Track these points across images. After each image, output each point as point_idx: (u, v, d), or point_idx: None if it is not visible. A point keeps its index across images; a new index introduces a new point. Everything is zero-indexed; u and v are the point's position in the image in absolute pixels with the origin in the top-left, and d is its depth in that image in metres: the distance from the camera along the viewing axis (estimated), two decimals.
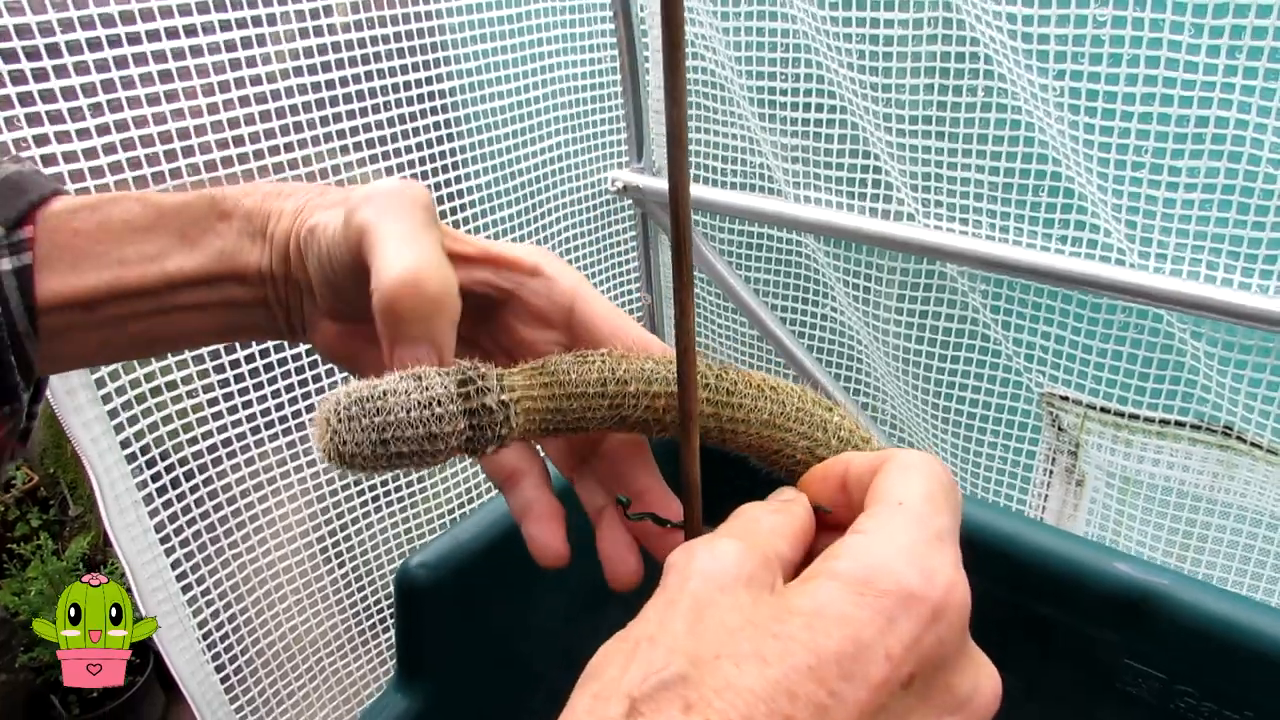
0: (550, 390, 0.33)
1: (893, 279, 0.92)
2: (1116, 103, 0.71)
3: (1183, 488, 0.83)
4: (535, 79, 0.94)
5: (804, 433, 0.36)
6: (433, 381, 0.31)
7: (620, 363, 0.34)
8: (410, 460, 0.31)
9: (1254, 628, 0.52)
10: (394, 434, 0.31)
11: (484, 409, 0.32)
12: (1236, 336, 0.74)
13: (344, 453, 0.30)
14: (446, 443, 0.31)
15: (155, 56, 0.67)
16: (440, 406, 0.31)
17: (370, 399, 0.31)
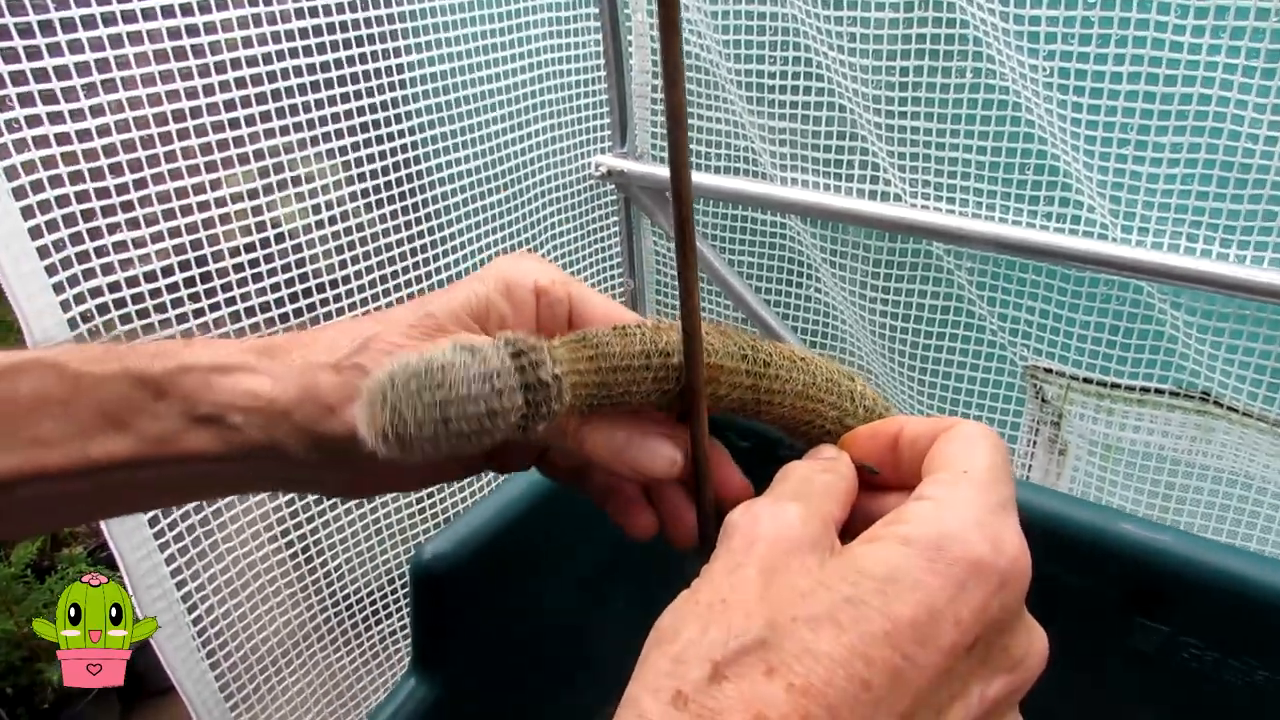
0: (595, 364, 0.32)
1: (879, 258, 0.94)
2: (1103, 81, 0.73)
3: (1162, 452, 0.86)
4: (519, 63, 0.94)
5: (834, 403, 0.37)
6: (488, 354, 0.29)
7: (660, 335, 0.33)
8: (466, 441, 0.29)
9: (1253, 578, 0.55)
10: (456, 411, 0.28)
11: (540, 383, 0.30)
12: (1215, 305, 0.78)
13: (402, 435, 0.28)
14: (506, 419, 0.29)
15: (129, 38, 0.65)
16: (499, 380, 0.29)
17: (428, 372, 0.28)
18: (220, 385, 0.34)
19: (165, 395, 0.33)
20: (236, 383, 0.34)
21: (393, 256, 0.88)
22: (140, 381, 0.33)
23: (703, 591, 0.28)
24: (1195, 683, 0.58)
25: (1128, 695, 0.62)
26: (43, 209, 0.63)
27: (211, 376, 0.34)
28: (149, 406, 0.33)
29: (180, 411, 0.33)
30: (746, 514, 0.30)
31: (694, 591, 0.28)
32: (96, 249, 0.67)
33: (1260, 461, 0.82)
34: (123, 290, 0.69)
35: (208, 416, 0.33)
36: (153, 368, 0.33)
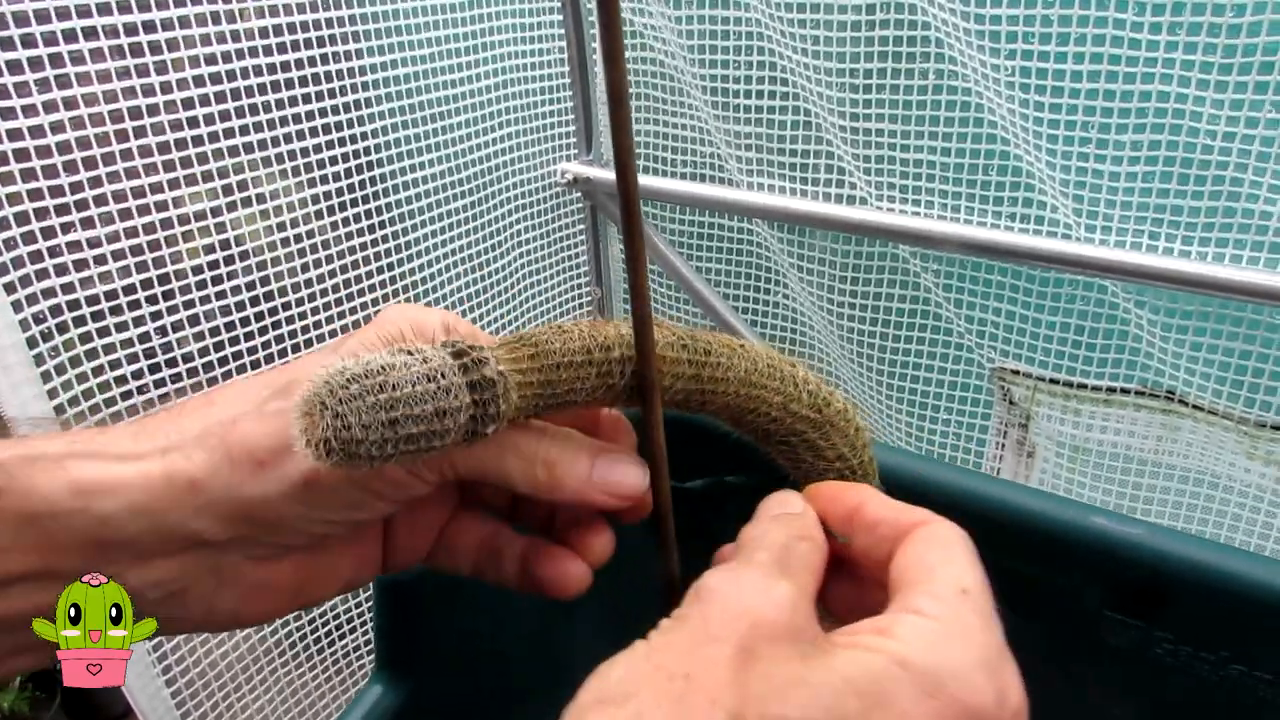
0: (538, 362, 0.31)
1: (845, 262, 0.94)
2: (1064, 80, 0.74)
3: (1129, 452, 0.87)
4: (484, 69, 0.93)
5: (777, 388, 0.36)
6: (429, 354, 0.28)
7: (599, 330, 0.33)
8: (415, 445, 0.27)
9: (1226, 570, 0.55)
10: (404, 411, 0.27)
11: (485, 381, 0.28)
12: (1178, 303, 0.78)
13: (347, 440, 0.26)
14: (455, 420, 0.28)
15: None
16: (444, 379, 0.28)
17: (370, 374, 0.26)
18: (80, 470, 0.27)
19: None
20: (106, 466, 0.28)
21: (355, 261, 0.87)
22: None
23: (665, 657, 0.25)
24: (1170, 677, 0.57)
25: (1102, 692, 0.61)
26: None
27: (67, 461, 0.27)
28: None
29: (18, 516, 0.27)
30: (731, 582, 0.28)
31: (654, 650, 0.26)
32: (50, 249, 0.65)
33: (1226, 460, 0.83)
34: (77, 292, 0.67)
35: (63, 511, 0.27)
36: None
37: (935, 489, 0.61)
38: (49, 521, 0.27)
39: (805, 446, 0.37)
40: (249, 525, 0.29)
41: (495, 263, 1.01)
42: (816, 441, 0.36)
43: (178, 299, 0.73)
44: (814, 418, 0.36)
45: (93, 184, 0.66)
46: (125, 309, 0.70)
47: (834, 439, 0.37)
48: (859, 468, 0.38)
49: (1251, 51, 0.66)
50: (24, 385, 0.65)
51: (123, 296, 0.70)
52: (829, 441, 0.37)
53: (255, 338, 0.80)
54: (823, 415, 0.36)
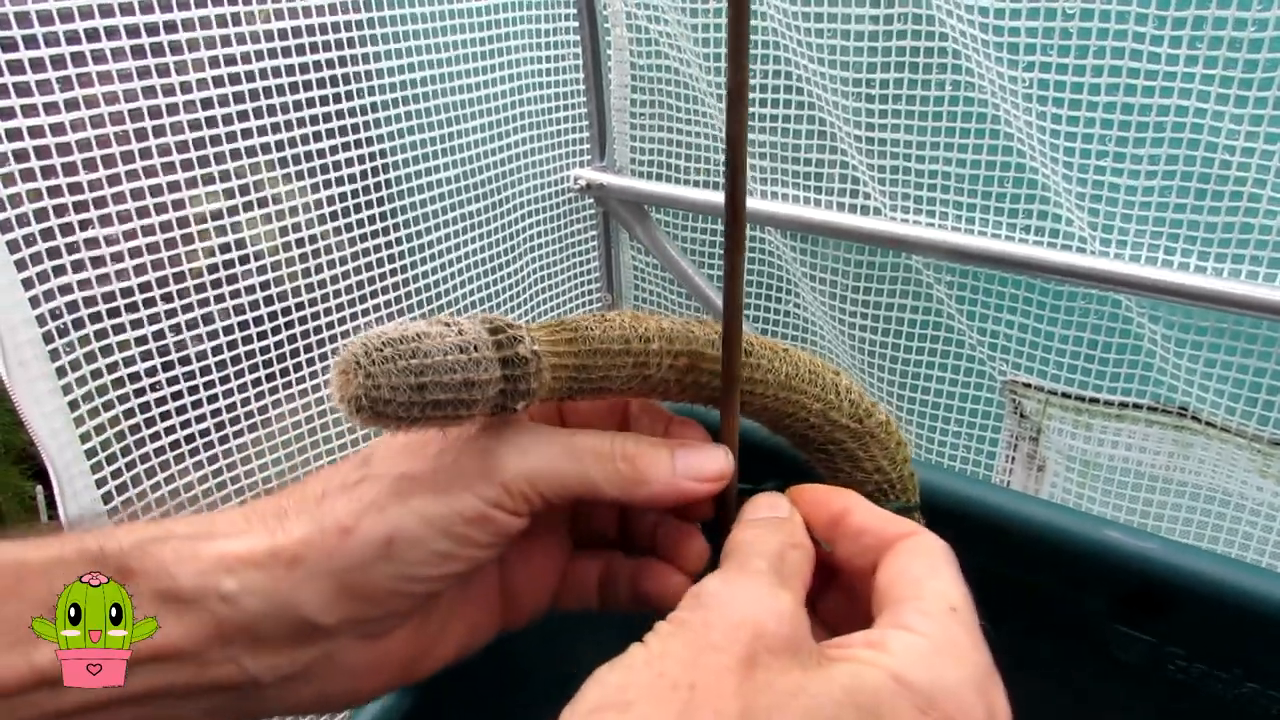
0: (575, 346, 0.32)
1: (858, 272, 0.94)
2: (1081, 94, 0.74)
3: (1140, 468, 0.86)
4: (498, 74, 0.93)
5: (818, 394, 0.36)
6: (465, 327, 0.30)
7: (640, 321, 0.33)
8: (443, 412, 0.29)
9: (1242, 586, 0.54)
10: (432, 378, 0.28)
11: (518, 358, 0.30)
12: (1192, 318, 0.78)
13: (376, 399, 0.28)
14: (484, 391, 0.29)
15: None
16: (477, 351, 0.29)
17: (404, 340, 0.28)
18: (204, 549, 0.29)
19: (131, 575, 0.28)
20: (224, 544, 0.30)
21: (366, 265, 0.87)
22: (99, 559, 0.28)
23: (668, 664, 0.25)
24: (1181, 695, 0.57)
25: (1112, 707, 0.61)
26: (13, 203, 0.62)
27: (194, 543, 0.29)
28: None
29: (151, 590, 0.28)
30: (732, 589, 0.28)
31: (655, 657, 0.26)
32: (68, 245, 0.65)
33: (1239, 477, 0.82)
34: (93, 289, 0.67)
35: (191, 589, 0.29)
36: (116, 542, 0.29)
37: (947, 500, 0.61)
38: (179, 601, 0.29)
39: (844, 456, 0.37)
40: (351, 600, 0.30)
41: (507, 268, 1.01)
42: (856, 452, 0.37)
43: (192, 298, 0.73)
44: (854, 428, 0.36)
45: (111, 182, 0.66)
46: (141, 306, 0.70)
47: (874, 451, 0.37)
48: (897, 482, 0.38)
49: (1272, 67, 0.66)
50: (39, 380, 0.65)
51: (138, 294, 0.70)
52: (868, 453, 0.37)
53: (268, 337, 0.80)
54: (863, 426, 0.36)
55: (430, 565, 0.31)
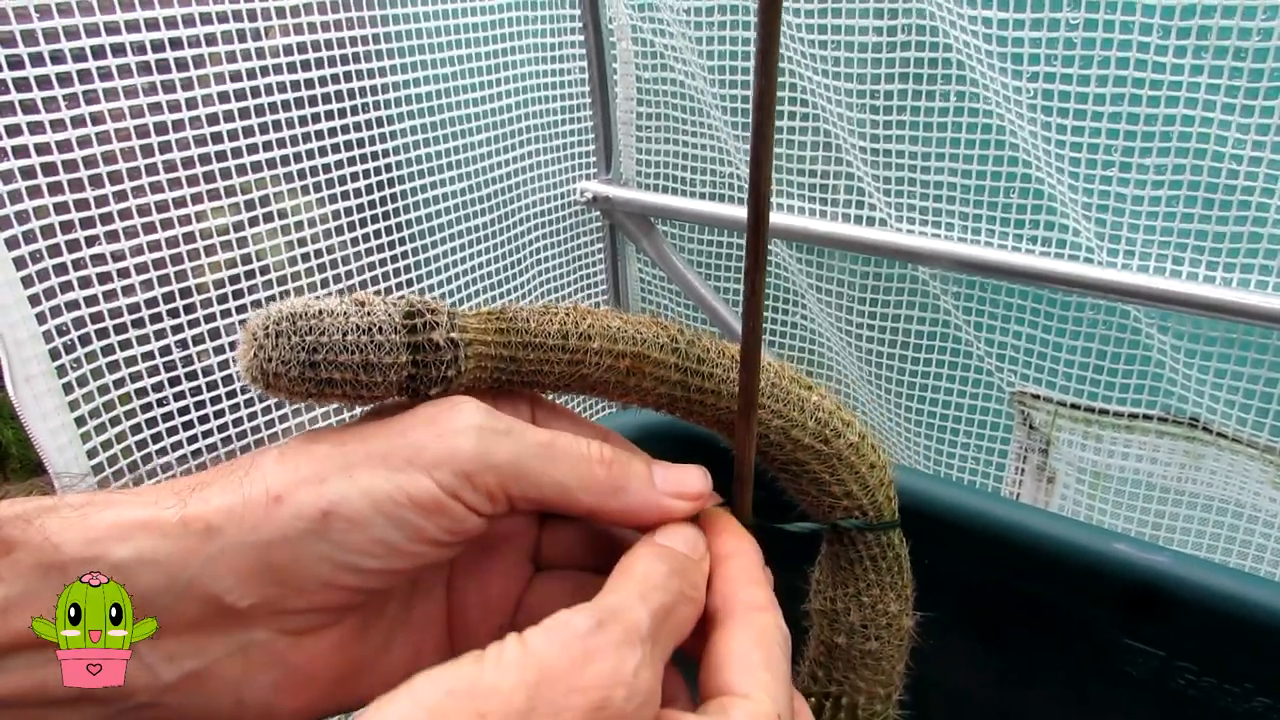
0: (506, 337, 0.31)
1: (864, 283, 0.93)
2: (1087, 104, 0.73)
3: (1151, 480, 0.85)
4: (505, 87, 0.94)
5: (777, 410, 0.34)
6: (376, 308, 0.29)
7: (585, 318, 0.32)
8: (343, 390, 0.29)
9: (1254, 601, 0.54)
10: (325, 356, 0.28)
11: (430, 344, 0.29)
12: (1201, 329, 0.77)
13: (268, 371, 0.28)
14: (385, 375, 0.29)
15: None
16: (381, 334, 0.29)
17: (304, 316, 0.28)
18: (97, 516, 0.26)
19: (13, 547, 0.25)
20: (123, 511, 0.26)
21: (374, 278, 0.87)
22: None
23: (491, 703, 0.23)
24: (1190, 709, 0.57)
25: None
26: (20, 219, 0.62)
27: (86, 510, 0.26)
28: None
29: (32, 564, 0.25)
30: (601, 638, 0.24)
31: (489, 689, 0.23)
32: (75, 261, 0.66)
33: (1250, 489, 0.82)
34: (100, 304, 0.68)
35: (77, 560, 0.25)
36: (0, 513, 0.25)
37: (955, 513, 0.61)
38: (61, 574, 0.25)
39: (809, 478, 0.35)
40: (270, 581, 0.27)
41: (513, 280, 1.01)
42: (821, 475, 0.35)
43: (199, 313, 0.74)
44: (819, 449, 0.34)
45: (117, 198, 0.67)
46: (147, 322, 0.71)
47: (842, 474, 0.35)
48: (870, 507, 0.36)
49: (1278, 76, 0.65)
50: (46, 396, 0.65)
51: (145, 310, 0.70)
52: (835, 476, 0.35)
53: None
54: (830, 447, 0.34)
55: (370, 555, 0.27)
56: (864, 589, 0.36)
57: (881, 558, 0.36)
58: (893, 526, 0.36)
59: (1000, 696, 0.65)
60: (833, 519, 0.36)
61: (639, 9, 0.97)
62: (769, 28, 0.27)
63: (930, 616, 0.42)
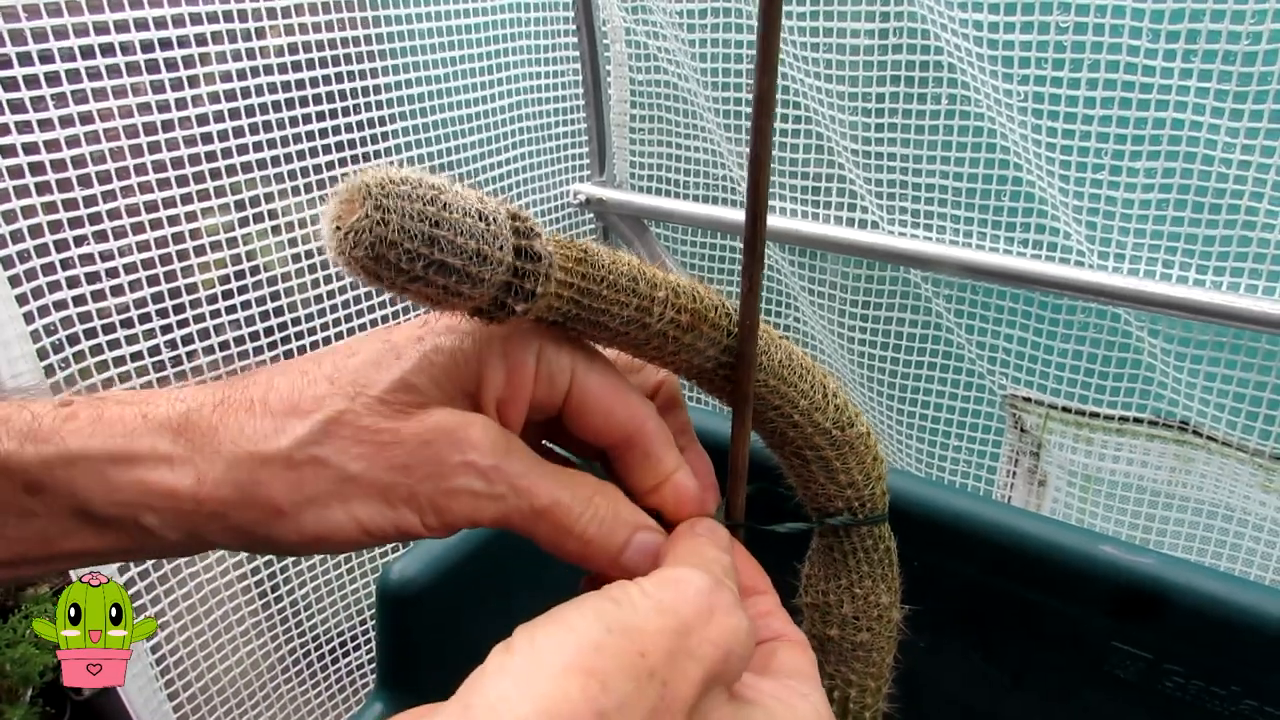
0: (583, 268, 0.30)
1: (857, 286, 0.93)
2: (1078, 106, 0.73)
3: (1141, 483, 0.86)
4: (498, 90, 0.94)
5: (806, 390, 0.34)
6: (492, 202, 0.27)
7: (650, 269, 0.32)
8: (445, 281, 0.26)
9: (1240, 604, 0.54)
10: (446, 232, 0.25)
11: (531, 252, 0.27)
12: (1192, 332, 0.77)
13: (381, 236, 0.24)
14: (491, 271, 0.26)
15: None
16: (495, 225, 0.26)
17: (426, 183, 0.25)
18: (122, 482, 0.28)
19: (42, 489, 0.27)
20: (145, 478, 0.28)
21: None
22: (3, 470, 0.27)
23: (648, 644, 0.24)
24: (1178, 711, 0.57)
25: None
26: (8, 219, 0.62)
27: (109, 470, 0.28)
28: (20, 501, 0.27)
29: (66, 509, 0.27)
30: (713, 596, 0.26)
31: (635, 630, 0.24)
32: (63, 261, 0.66)
33: (1240, 492, 0.82)
34: (89, 304, 0.68)
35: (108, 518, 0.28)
36: (23, 454, 0.27)
37: (945, 515, 0.61)
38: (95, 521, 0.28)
39: (820, 464, 0.35)
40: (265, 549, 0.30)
41: None
42: (832, 461, 0.35)
43: (188, 313, 0.74)
44: (835, 434, 0.35)
45: (107, 198, 0.67)
46: (137, 322, 0.71)
47: (850, 463, 0.35)
48: (868, 500, 0.36)
49: (1267, 80, 0.66)
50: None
51: (134, 310, 0.70)
52: (844, 464, 0.35)
53: (277, 347, 0.80)
54: (844, 435, 0.35)
55: (346, 549, 0.31)
56: (856, 581, 0.37)
57: (874, 549, 0.37)
58: (881, 520, 0.36)
59: (990, 698, 0.65)
60: (831, 509, 0.36)
61: (632, 12, 0.97)
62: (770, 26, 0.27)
63: (922, 618, 0.42)
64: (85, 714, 1.26)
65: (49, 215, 0.64)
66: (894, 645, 0.39)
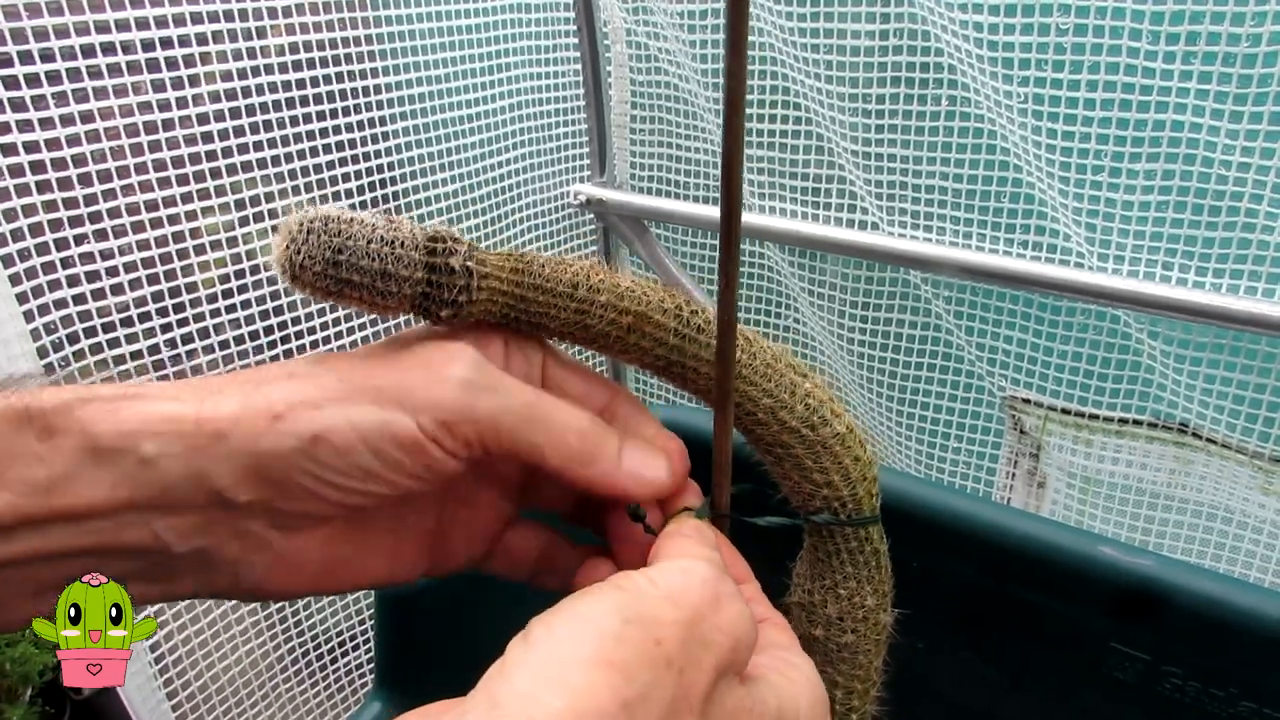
0: (519, 277, 0.33)
1: (857, 287, 0.93)
2: (1077, 108, 0.73)
3: (1141, 485, 0.85)
4: (499, 90, 0.94)
5: (769, 389, 0.35)
6: (403, 227, 0.32)
7: (597, 273, 0.34)
8: (361, 294, 0.31)
9: (1238, 605, 0.54)
10: (348, 258, 0.31)
11: (446, 268, 0.32)
12: (1191, 334, 0.77)
13: (295, 263, 0.30)
14: (400, 287, 0.31)
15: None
16: (402, 249, 0.31)
17: (336, 220, 0.31)
18: (128, 410, 0.29)
19: (55, 433, 0.28)
20: (150, 406, 0.29)
21: None
22: (22, 418, 0.28)
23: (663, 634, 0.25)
24: (1177, 713, 0.57)
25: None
26: (8, 218, 0.62)
27: (118, 403, 0.29)
28: (31, 447, 0.27)
29: (75, 447, 0.28)
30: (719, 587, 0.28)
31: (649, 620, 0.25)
32: (63, 259, 0.66)
33: (1240, 495, 0.82)
34: (89, 303, 0.68)
35: (111, 449, 0.28)
36: (40, 401, 0.28)
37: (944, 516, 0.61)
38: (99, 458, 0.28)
39: (792, 462, 0.36)
40: (265, 484, 0.30)
41: None
42: (804, 460, 0.35)
43: (188, 313, 0.74)
44: (804, 433, 0.35)
45: (107, 197, 0.67)
46: (136, 321, 0.71)
47: (825, 463, 0.35)
48: (849, 501, 0.36)
49: (1267, 82, 0.66)
50: None
51: (134, 309, 0.70)
52: (818, 464, 0.35)
53: (264, 352, 0.80)
54: (815, 434, 0.35)
55: (352, 477, 0.31)
56: (840, 581, 0.37)
57: (859, 552, 0.36)
58: (870, 522, 0.36)
59: (988, 699, 0.65)
60: (811, 508, 0.36)
61: (633, 12, 0.97)
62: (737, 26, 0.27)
63: (921, 619, 0.42)
64: (85, 713, 1.26)
65: (49, 214, 0.64)
66: (882, 649, 0.39)
